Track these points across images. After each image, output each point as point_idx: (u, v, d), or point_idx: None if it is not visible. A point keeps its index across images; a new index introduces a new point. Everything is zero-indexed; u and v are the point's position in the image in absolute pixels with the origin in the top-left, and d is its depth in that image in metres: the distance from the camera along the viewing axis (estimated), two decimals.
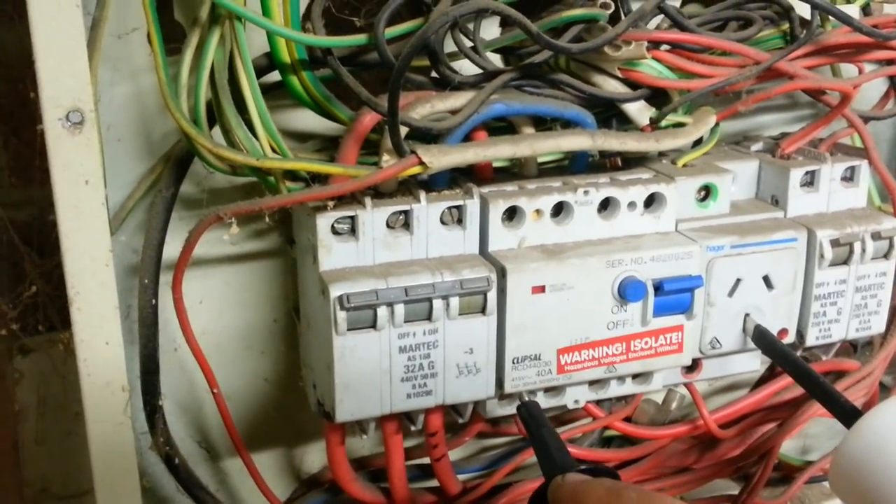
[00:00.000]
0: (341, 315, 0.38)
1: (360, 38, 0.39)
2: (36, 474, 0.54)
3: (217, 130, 0.40)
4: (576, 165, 0.46)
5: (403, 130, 0.40)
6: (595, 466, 0.36)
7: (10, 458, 0.54)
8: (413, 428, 0.44)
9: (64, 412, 0.53)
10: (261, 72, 0.41)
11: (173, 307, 0.41)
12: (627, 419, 0.52)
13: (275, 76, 0.40)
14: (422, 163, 0.38)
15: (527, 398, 0.43)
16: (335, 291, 0.38)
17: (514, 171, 0.46)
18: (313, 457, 0.53)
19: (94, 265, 0.35)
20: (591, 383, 0.45)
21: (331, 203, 0.39)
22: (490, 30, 0.46)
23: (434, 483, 0.49)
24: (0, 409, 0.53)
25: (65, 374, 0.52)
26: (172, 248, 0.43)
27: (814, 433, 0.64)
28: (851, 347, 0.54)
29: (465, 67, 0.42)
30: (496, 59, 0.46)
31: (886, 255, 0.48)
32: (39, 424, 0.54)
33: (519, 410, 0.42)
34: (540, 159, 0.46)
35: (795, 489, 0.56)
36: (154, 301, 0.42)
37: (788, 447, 0.59)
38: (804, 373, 0.43)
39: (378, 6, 0.39)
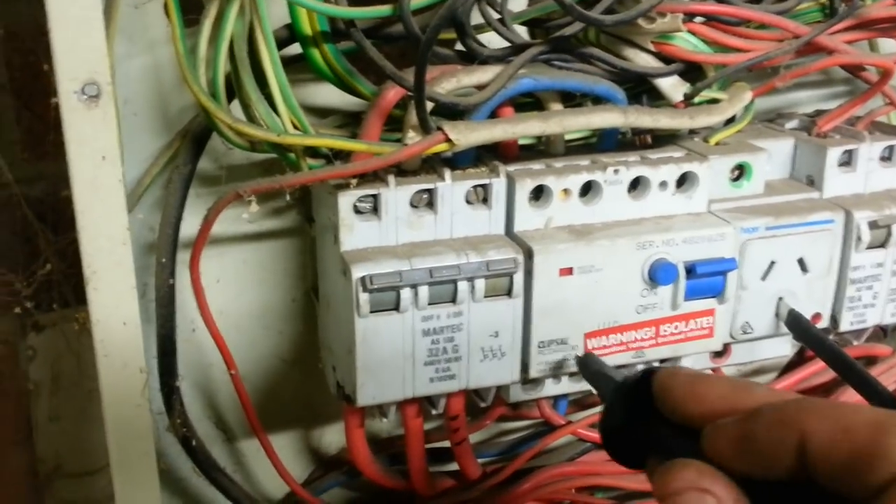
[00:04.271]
0: (364, 297, 0.37)
1: (384, 10, 0.38)
2: (49, 452, 0.54)
3: (236, 105, 0.39)
4: (604, 143, 0.44)
5: (429, 106, 0.38)
6: None
7: (24, 435, 0.54)
8: (434, 411, 0.43)
9: (78, 389, 0.53)
10: (281, 44, 0.39)
11: (191, 287, 0.40)
12: None
13: (295, 49, 0.39)
14: (448, 140, 0.36)
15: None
16: (357, 272, 0.37)
17: (541, 149, 0.44)
18: (331, 438, 0.52)
19: (110, 244, 0.34)
20: (619, 368, 0.44)
21: (353, 181, 0.37)
22: (517, 1, 0.44)
23: (454, 466, 0.48)
24: (13, 386, 0.53)
25: (80, 351, 0.52)
26: (190, 226, 0.42)
27: None
28: (882, 331, 0.52)
29: (491, 40, 0.41)
30: (522, 32, 0.44)
31: None
32: (53, 402, 0.53)
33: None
34: (567, 136, 0.44)
35: None
36: (171, 281, 0.40)
37: None
38: (841, 359, 0.41)
39: None
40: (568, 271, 0.40)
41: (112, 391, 0.36)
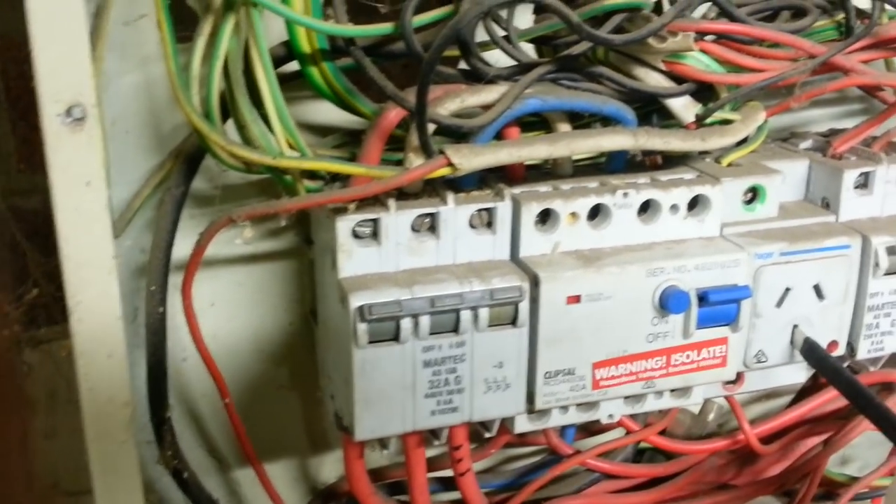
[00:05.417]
0: (362, 327, 0.35)
1: (385, 28, 0.36)
2: (46, 469, 0.52)
3: (231, 124, 0.37)
4: (613, 164, 0.43)
5: (431, 127, 0.37)
6: None
7: (20, 452, 0.52)
8: (436, 442, 0.42)
9: (74, 406, 0.51)
10: (278, 62, 0.38)
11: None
12: (662, 431, 0.49)
13: (293, 65, 0.38)
14: (451, 164, 0.35)
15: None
16: (355, 301, 0.35)
17: (547, 170, 0.43)
18: (330, 467, 0.51)
19: (95, 273, 0.32)
20: (627, 397, 0.42)
21: (352, 205, 0.36)
22: (523, 17, 0.42)
23: (457, 496, 0.47)
24: (8, 402, 0.52)
25: (69, 376, 0.50)
26: (184, 248, 0.40)
27: (855, 442, 0.61)
28: None
29: (498, 59, 0.39)
30: (529, 50, 0.43)
31: None
32: (49, 419, 0.52)
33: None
34: (575, 157, 0.43)
35: None
36: (160, 309, 0.39)
37: None
38: (857, 391, 0.40)
39: None
40: (576, 299, 0.38)
41: (95, 426, 0.35)
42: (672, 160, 0.44)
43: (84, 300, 0.33)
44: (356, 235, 0.37)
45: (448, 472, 0.46)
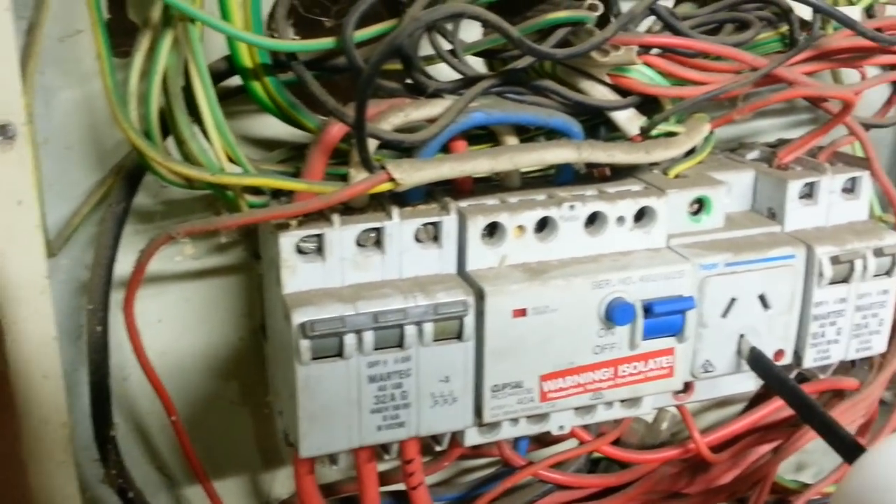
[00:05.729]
0: (304, 343, 0.35)
1: (327, 42, 0.36)
2: None
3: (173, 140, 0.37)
4: (562, 176, 0.43)
5: (374, 142, 0.37)
6: None
7: None
8: (387, 457, 0.42)
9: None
10: (220, 76, 0.38)
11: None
12: (616, 440, 0.49)
13: (238, 79, 0.37)
14: (392, 179, 0.35)
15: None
16: (298, 318, 0.35)
17: (496, 183, 0.43)
18: (282, 482, 0.50)
19: (28, 293, 0.32)
20: (577, 409, 0.42)
21: (294, 221, 0.36)
22: (473, 31, 0.42)
23: None
24: None
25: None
26: (127, 265, 0.39)
27: (809, 448, 0.62)
28: (850, 363, 0.51)
29: (447, 72, 0.39)
30: (478, 64, 0.43)
31: (889, 273, 0.45)
32: None
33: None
34: (524, 170, 0.43)
35: None
36: (99, 328, 0.38)
37: (782, 464, 0.57)
38: (802, 401, 0.40)
39: (350, 5, 0.36)
40: (522, 312, 0.38)
41: (33, 447, 0.34)
42: (620, 172, 0.44)
43: (18, 321, 0.32)
44: (300, 251, 0.37)
45: (401, 486, 0.46)
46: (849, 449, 0.37)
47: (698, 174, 0.44)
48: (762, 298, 0.43)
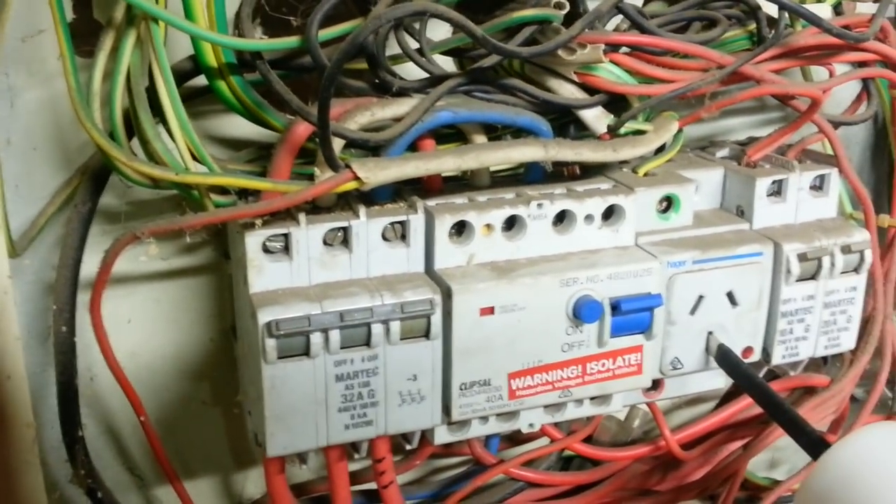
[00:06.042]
0: (270, 343, 0.35)
1: (291, 41, 0.36)
2: None
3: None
4: (531, 174, 0.43)
5: (341, 142, 0.37)
6: None
7: None
8: (357, 455, 0.42)
9: None
10: (186, 76, 0.38)
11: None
12: (588, 438, 0.49)
13: (203, 79, 0.37)
14: (357, 178, 0.35)
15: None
16: (264, 317, 0.35)
17: (466, 181, 0.43)
18: (254, 482, 0.50)
19: None
20: (547, 406, 0.42)
21: (259, 220, 0.36)
22: (441, 30, 0.43)
23: None
24: None
25: None
26: (94, 266, 0.39)
27: (782, 445, 0.62)
28: (821, 359, 0.52)
29: (417, 71, 0.39)
30: (447, 62, 0.43)
31: (857, 269, 0.46)
32: None
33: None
34: (494, 168, 0.43)
35: None
36: (65, 328, 0.38)
37: (755, 461, 0.57)
38: (769, 398, 0.40)
39: (316, 4, 0.36)
40: (489, 311, 0.38)
41: None
42: (590, 170, 0.44)
43: None
44: (267, 250, 0.37)
45: (373, 485, 0.46)
46: (813, 444, 0.37)
47: (667, 172, 0.45)
48: (730, 296, 0.43)
